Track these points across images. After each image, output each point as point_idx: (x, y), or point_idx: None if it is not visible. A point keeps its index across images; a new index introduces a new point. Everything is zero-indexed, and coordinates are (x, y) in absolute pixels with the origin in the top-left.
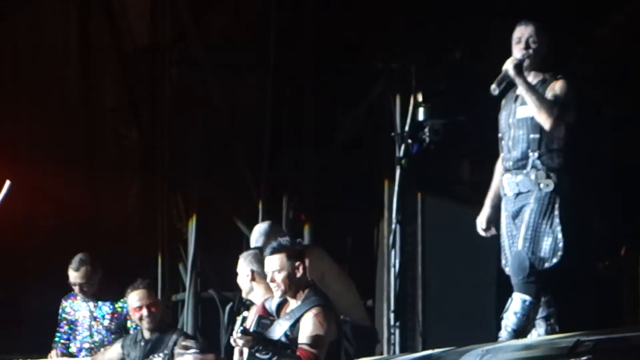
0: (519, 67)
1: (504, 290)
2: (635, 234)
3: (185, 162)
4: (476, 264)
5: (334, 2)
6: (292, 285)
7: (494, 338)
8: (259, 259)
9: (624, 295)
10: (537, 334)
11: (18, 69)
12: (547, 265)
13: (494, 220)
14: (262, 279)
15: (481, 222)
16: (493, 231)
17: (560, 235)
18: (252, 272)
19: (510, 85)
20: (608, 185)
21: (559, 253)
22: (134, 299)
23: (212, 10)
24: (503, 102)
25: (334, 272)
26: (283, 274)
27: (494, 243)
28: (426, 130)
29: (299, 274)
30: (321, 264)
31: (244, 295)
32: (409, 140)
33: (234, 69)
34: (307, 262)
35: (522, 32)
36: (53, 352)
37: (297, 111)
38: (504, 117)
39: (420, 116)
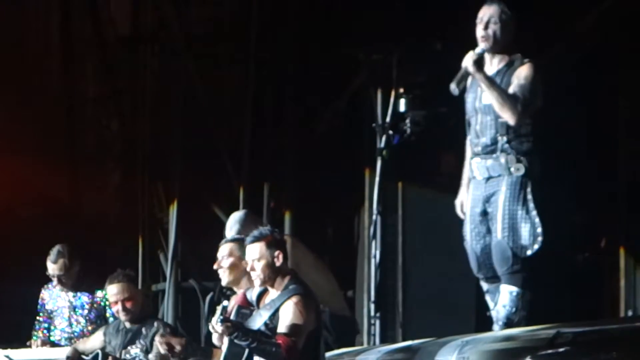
0: (478, 62)
1: None
2: (614, 225)
3: (166, 152)
4: (456, 255)
5: None
6: (272, 274)
7: (474, 329)
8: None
9: (604, 286)
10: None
11: (0, 59)
12: (529, 252)
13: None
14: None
15: (461, 203)
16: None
17: (537, 220)
18: (240, 258)
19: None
20: (587, 177)
21: (539, 238)
22: (110, 292)
23: (194, 1)
24: (469, 82)
25: (309, 261)
26: (262, 262)
27: None
28: (407, 121)
29: (278, 263)
30: (296, 253)
31: (224, 282)
32: (390, 132)
33: (215, 60)
34: None
35: (484, 12)
36: (31, 342)
37: (278, 101)
38: (470, 100)
39: (401, 107)
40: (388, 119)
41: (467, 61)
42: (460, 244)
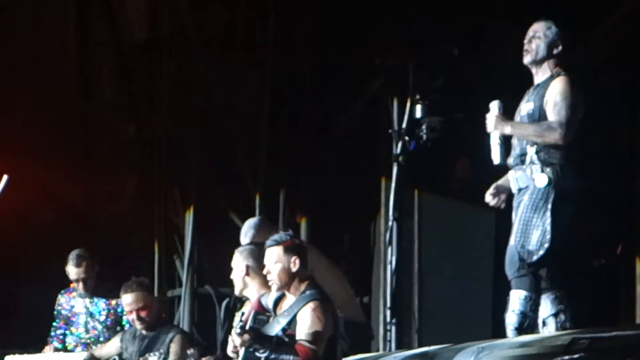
0: (498, 121)
1: (501, 287)
2: (631, 232)
3: (183, 157)
4: (472, 261)
5: None
6: (287, 279)
7: (490, 335)
8: (255, 255)
9: (620, 293)
10: (547, 331)
11: (16, 64)
12: (535, 257)
13: (503, 190)
14: (256, 274)
15: (492, 186)
16: (498, 201)
17: (549, 228)
18: (247, 267)
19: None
20: (604, 184)
21: (546, 245)
22: (125, 301)
23: (210, 5)
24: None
25: (322, 267)
26: (278, 266)
27: (490, 240)
28: (423, 127)
29: (294, 269)
30: (310, 259)
31: (236, 292)
32: (406, 138)
33: (232, 64)
34: None
35: (531, 28)
36: (47, 347)
37: (294, 107)
38: (515, 115)
39: (418, 113)
40: (404, 125)
41: (490, 126)
42: (475, 250)
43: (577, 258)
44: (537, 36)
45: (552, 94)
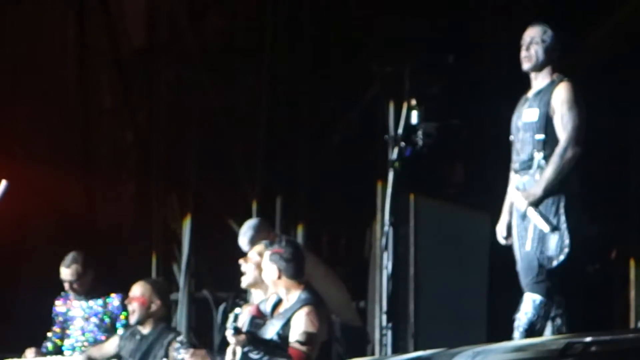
0: (524, 196)
1: (496, 291)
2: (625, 236)
3: (181, 163)
4: (468, 265)
5: (330, 6)
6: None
7: (485, 339)
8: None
9: (615, 298)
10: (545, 334)
11: (15, 70)
12: (555, 263)
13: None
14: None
15: (501, 230)
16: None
17: (566, 232)
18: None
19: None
20: (598, 188)
21: (566, 250)
22: (131, 291)
23: (208, 12)
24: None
25: (319, 272)
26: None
27: (485, 245)
28: (419, 133)
29: (272, 276)
30: (307, 263)
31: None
32: (402, 143)
33: (230, 71)
34: None
35: (527, 34)
36: (28, 351)
37: (292, 113)
38: (514, 120)
39: (414, 119)
40: (400, 131)
41: (522, 205)
42: (471, 255)
43: (574, 263)
44: (535, 42)
45: (558, 103)
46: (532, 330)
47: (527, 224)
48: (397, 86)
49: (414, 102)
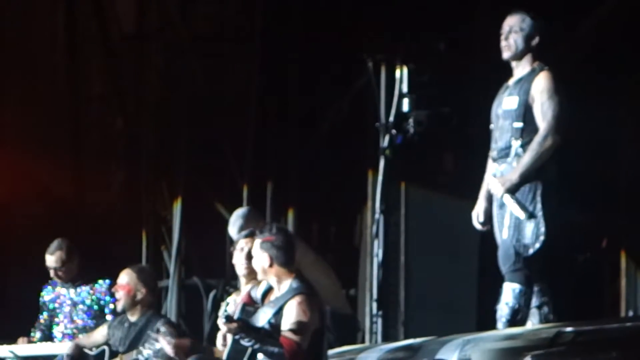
0: (500, 181)
1: (486, 280)
2: (615, 226)
3: (170, 150)
4: (458, 254)
5: None
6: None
7: (476, 328)
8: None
9: (605, 287)
10: (531, 323)
11: (5, 56)
12: (531, 251)
13: (490, 213)
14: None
15: (477, 215)
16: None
17: (542, 220)
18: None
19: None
20: (588, 177)
21: (541, 237)
22: (119, 279)
23: None
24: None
25: (309, 259)
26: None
27: (476, 233)
28: (410, 121)
29: (264, 265)
30: (297, 252)
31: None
32: (393, 131)
33: (220, 58)
34: None
35: (506, 23)
36: (20, 339)
37: (282, 100)
38: (494, 108)
39: (405, 107)
40: (391, 119)
41: (499, 191)
42: (462, 243)
43: (563, 252)
44: (514, 30)
45: (538, 92)
46: (515, 319)
47: (504, 212)
48: (388, 74)
49: (405, 89)
